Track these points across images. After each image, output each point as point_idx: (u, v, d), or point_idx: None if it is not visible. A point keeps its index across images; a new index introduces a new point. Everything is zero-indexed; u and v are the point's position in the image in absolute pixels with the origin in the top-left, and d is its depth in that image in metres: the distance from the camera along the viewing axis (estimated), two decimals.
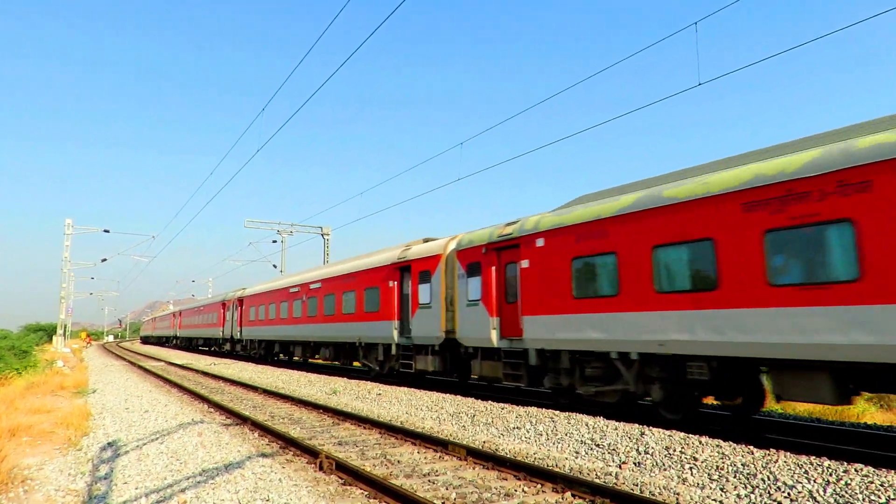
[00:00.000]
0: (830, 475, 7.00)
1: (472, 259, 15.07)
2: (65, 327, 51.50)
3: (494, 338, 14.17)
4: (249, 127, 21.10)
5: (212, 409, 14.92)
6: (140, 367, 31.29)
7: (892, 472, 6.95)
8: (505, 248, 14.18)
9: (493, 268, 14.35)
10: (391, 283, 18.82)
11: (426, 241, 18.52)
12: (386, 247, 21.38)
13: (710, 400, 14.24)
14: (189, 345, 56.42)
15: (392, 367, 19.37)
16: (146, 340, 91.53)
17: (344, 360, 22.92)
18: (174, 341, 64.14)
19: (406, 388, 17.12)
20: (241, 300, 36.55)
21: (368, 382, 19.61)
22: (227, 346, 40.39)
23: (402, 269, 18.56)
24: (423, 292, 17.12)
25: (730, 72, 10.72)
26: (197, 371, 28.24)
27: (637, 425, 10.07)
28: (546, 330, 12.69)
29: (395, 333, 18.44)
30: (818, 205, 8.32)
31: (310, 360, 29.93)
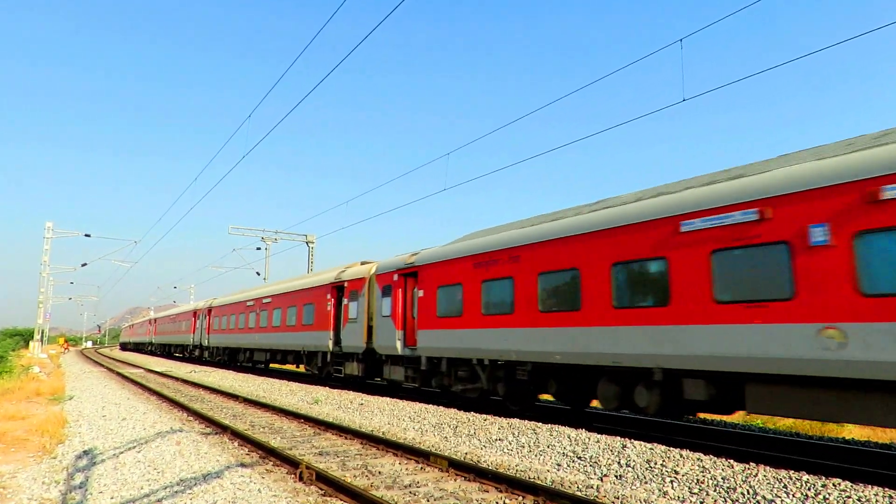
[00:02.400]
0: (809, 489, 7.06)
1: (386, 282, 18.33)
2: (42, 332, 50.68)
3: (399, 347, 17.30)
4: (236, 132, 21.01)
5: (191, 418, 14.73)
6: (119, 374, 30.83)
7: (870, 486, 7.02)
8: (409, 274, 17.49)
9: (400, 290, 17.62)
10: (329, 300, 21.94)
11: (364, 263, 21.73)
12: (328, 268, 25.13)
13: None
14: (164, 351, 57.95)
15: (329, 371, 22.30)
16: (125, 347, 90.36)
17: (296, 363, 26.44)
18: (150, 347, 66.12)
19: (389, 399, 17.04)
20: (209, 310, 39.27)
21: (350, 392, 19.49)
22: (197, 352, 43.11)
23: (338, 287, 21.70)
24: (352, 308, 20.27)
25: (714, 88, 10.89)
26: (177, 379, 27.88)
27: (619, 438, 10.09)
28: (430, 341, 15.91)
29: (330, 343, 21.60)
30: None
31: (270, 365, 34.49)
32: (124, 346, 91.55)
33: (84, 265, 52.70)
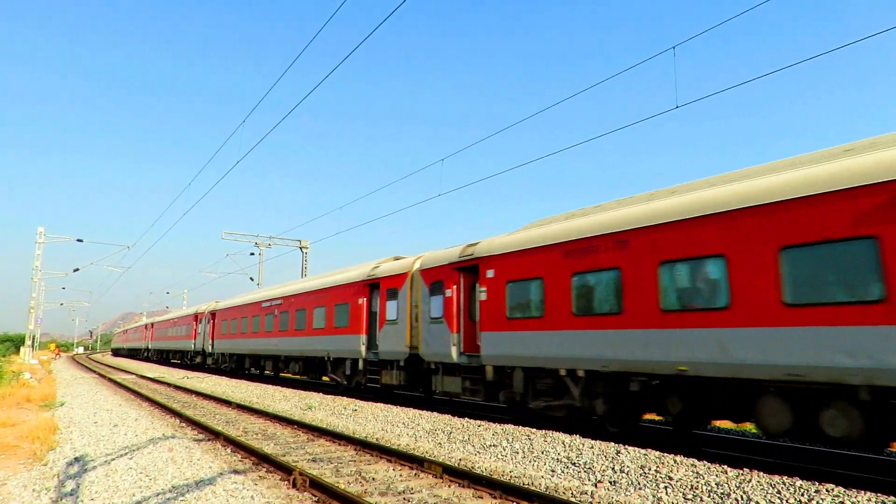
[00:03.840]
0: (802, 495, 7.07)
1: (436, 277, 15.69)
2: (33, 338, 50.32)
3: (454, 354, 14.70)
4: (230, 138, 20.97)
5: (183, 424, 14.64)
6: (110, 380, 30.63)
7: (862, 491, 7.04)
8: (465, 269, 15.00)
9: (455, 286, 15.03)
10: (360, 300, 19.13)
11: (396, 258, 19.16)
12: (357, 264, 21.85)
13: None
14: (161, 357, 55.34)
15: (359, 381, 19.30)
16: (118, 353, 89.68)
17: (312, 374, 23.16)
18: (146, 353, 63.22)
19: (382, 405, 16.99)
20: (213, 313, 36.04)
21: (344, 398, 19.41)
22: (199, 359, 39.77)
23: (372, 285, 18.94)
24: (391, 309, 17.57)
25: (707, 95, 10.95)
26: (169, 385, 27.72)
27: (613, 444, 10.09)
28: (497, 346, 13.33)
29: (363, 348, 18.76)
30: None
31: (281, 374, 30.74)
32: (117, 353, 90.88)
33: (76, 270, 52.41)
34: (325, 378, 23.79)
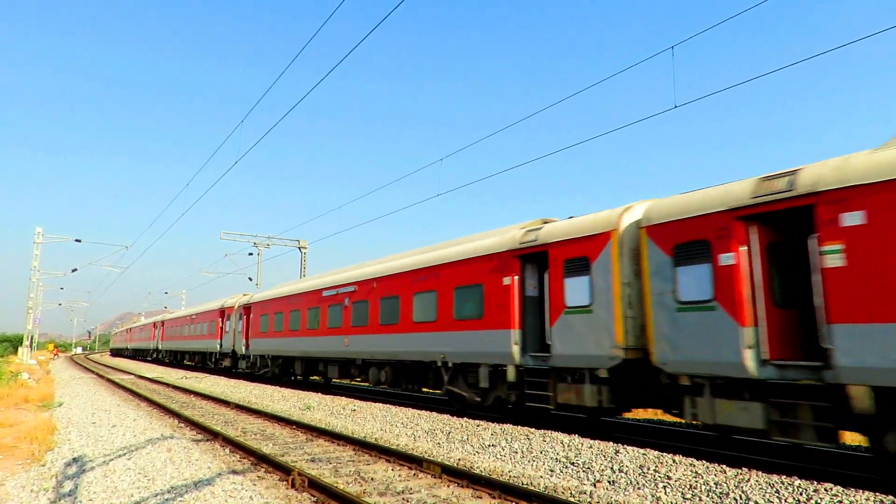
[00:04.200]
0: (801, 494, 7.08)
1: (692, 236, 10.13)
2: (31, 338, 50.26)
3: (749, 360, 8.95)
4: (228, 138, 20.96)
5: (182, 424, 14.63)
6: (109, 381, 30.60)
7: (861, 491, 7.05)
8: (247, 307, 15.39)
9: (746, 248, 9.38)
10: (506, 279, 13.79)
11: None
12: (477, 233, 16.61)
13: None
14: (174, 359, 49.57)
15: (505, 397, 13.69)
16: (118, 353, 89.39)
17: (408, 384, 17.43)
18: (154, 354, 56.97)
19: (381, 405, 16.98)
20: (247, 307, 30.35)
21: (343, 398, 19.36)
22: (226, 363, 33.68)
23: (527, 257, 13.69)
24: (575, 289, 12.15)
25: (705, 95, 10.95)
26: (168, 385, 27.69)
27: (612, 443, 10.09)
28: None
29: (516, 349, 13.18)
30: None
31: (352, 382, 23.87)
32: (117, 353, 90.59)
33: (74, 270, 52.36)
34: (426, 390, 19.84)
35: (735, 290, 9.20)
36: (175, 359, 49.68)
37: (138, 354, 70.74)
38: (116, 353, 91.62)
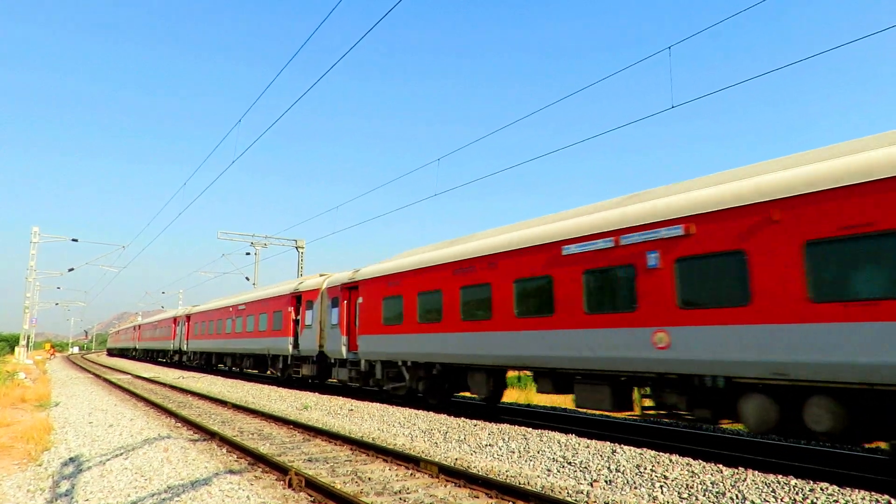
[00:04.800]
0: (797, 493, 7.09)
1: (335, 294, 20.43)
2: (28, 338, 50.13)
3: (344, 351, 19.34)
4: (225, 137, 20.92)
5: (179, 424, 14.61)
6: (106, 380, 30.55)
7: (857, 490, 7.07)
8: (352, 288, 19.49)
9: (346, 301, 19.53)
10: (289, 309, 23.92)
11: (322, 275, 23.69)
12: (289, 279, 26.91)
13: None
14: (147, 356, 59.10)
15: (289, 373, 24.63)
16: (112, 352, 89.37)
17: (261, 368, 28.49)
18: (134, 352, 67.57)
19: (379, 405, 16.98)
20: (188, 316, 40.63)
21: (340, 398, 19.40)
22: (176, 357, 44.93)
23: (297, 297, 23.63)
24: (308, 316, 22.20)
25: (702, 95, 10.96)
26: (165, 385, 27.65)
27: (609, 443, 10.11)
28: (369, 345, 17.88)
29: (290, 347, 23.64)
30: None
31: (245, 370, 33.47)
32: (112, 352, 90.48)
33: (71, 270, 52.22)
34: (268, 372, 28.03)
35: (342, 319, 20.14)
36: (148, 356, 49.71)
37: (123, 353, 71.80)
38: (111, 352, 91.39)
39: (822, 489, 7.17)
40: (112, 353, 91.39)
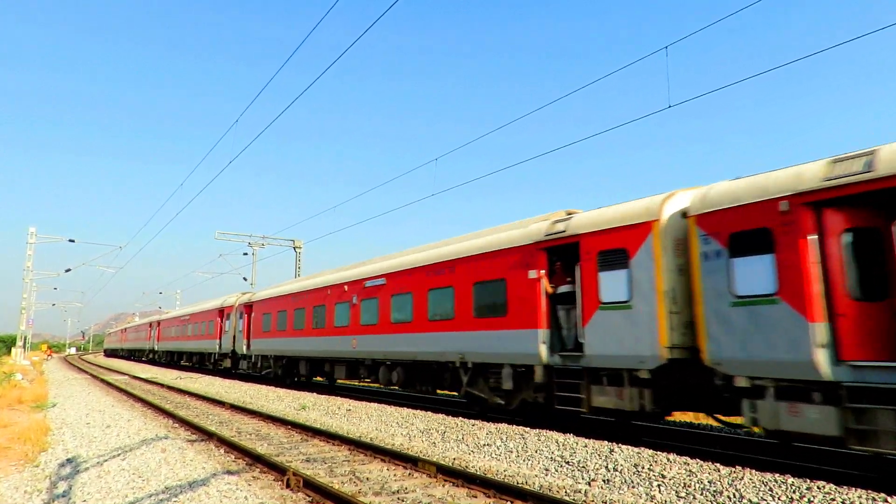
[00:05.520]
0: (794, 492, 7.11)
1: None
2: (25, 339, 50.03)
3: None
4: (223, 137, 20.90)
5: (176, 425, 14.59)
6: (103, 381, 30.49)
7: (854, 489, 7.09)
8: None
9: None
10: (532, 273, 12.68)
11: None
12: (497, 225, 15.17)
13: None
14: (171, 360, 48.58)
15: (532, 399, 12.71)
16: (112, 354, 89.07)
17: (422, 385, 16.47)
18: (150, 355, 56.41)
19: (376, 405, 16.97)
20: (248, 306, 29.27)
21: (338, 398, 19.34)
22: (226, 363, 32.75)
23: (553, 250, 12.55)
24: (611, 284, 11.12)
25: (699, 95, 10.97)
26: (162, 385, 27.60)
27: (606, 442, 10.12)
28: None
29: (543, 348, 12.24)
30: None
31: (360, 383, 26.29)
32: (111, 354, 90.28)
33: (68, 271, 52.11)
34: (441, 392, 18.36)
35: (800, 281, 8.22)
36: (171, 359, 47.95)
37: (133, 355, 70.30)
38: (111, 353, 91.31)
39: (818, 487, 7.19)
40: (110, 354, 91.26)
